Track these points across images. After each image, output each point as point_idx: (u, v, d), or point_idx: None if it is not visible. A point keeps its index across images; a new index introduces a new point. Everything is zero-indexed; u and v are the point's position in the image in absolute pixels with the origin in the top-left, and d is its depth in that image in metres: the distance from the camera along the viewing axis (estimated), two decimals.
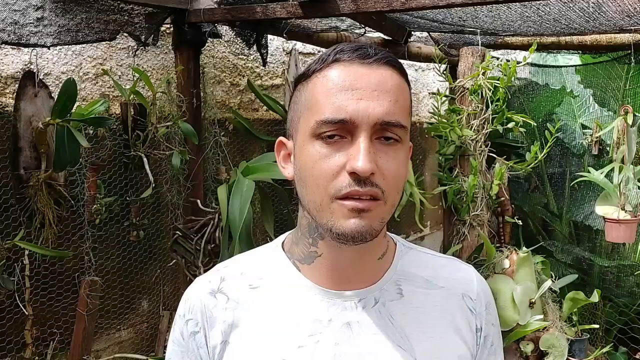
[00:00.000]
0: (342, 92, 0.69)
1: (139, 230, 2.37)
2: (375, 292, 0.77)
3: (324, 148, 0.70)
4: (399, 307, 0.77)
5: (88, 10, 2.00)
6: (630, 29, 2.41)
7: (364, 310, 0.76)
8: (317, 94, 0.71)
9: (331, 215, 0.70)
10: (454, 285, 0.81)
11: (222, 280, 0.81)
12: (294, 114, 0.77)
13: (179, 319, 0.82)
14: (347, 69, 0.70)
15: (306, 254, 0.78)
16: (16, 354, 2.03)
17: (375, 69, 0.70)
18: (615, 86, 3.53)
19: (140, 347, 2.51)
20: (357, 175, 0.68)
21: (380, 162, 0.69)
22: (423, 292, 0.79)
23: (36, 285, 2.07)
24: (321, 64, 0.72)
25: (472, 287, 0.82)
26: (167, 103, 2.44)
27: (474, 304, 0.81)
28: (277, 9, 2.10)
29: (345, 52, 0.71)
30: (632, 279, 3.37)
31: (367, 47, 0.72)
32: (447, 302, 0.80)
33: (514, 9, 2.19)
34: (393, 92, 0.70)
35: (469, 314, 0.80)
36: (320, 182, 0.70)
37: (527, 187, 3.87)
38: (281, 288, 0.78)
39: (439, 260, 0.85)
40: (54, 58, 2.20)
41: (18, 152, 1.92)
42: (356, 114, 0.68)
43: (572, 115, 3.89)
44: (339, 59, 0.71)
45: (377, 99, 0.69)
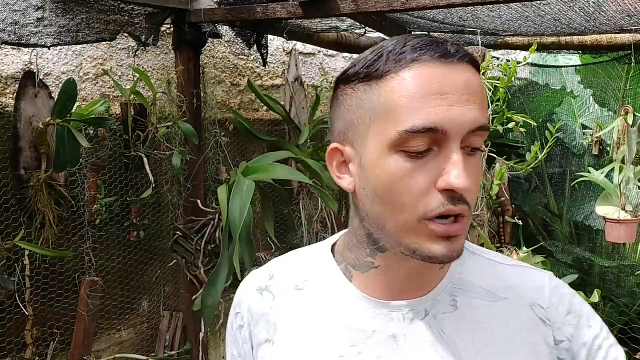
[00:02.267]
0: (428, 97, 0.60)
1: (139, 231, 2.37)
2: (426, 303, 0.70)
3: (409, 162, 0.61)
4: (452, 321, 0.69)
5: (88, 10, 2.00)
6: (630, 29, 2.41)
7: (412, 322, 0.69)
8: (398, 99, 0.61)
9: (416, 237, 0.63)
10: (521, 296, 0.71)
11: (270, 277, 0.80)
12: (357, 117, 0.66)
13: (231, 309, 0.84)
14: (429, 70, 0.61)
15: (361, 262, 0.73)
16: (16, 354, 2.03)
17: (458, 69, 0.62)
18: (615, 86, 3.53)
19: (141, 347, 2.51)
20: (453, 192, 0.61)
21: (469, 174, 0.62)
22: (482, 304, 0.71)
23: (36, 285, 2.07)
24: (394, 63, 0.62)
25: (542, 294, 0.72)
26: (167, 103, 2.44)
27: (547, 313, 0.70)
28: (277, 9, 2.10)
29: (423, 49, 0.62)
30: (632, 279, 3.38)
31: (444, 43, 0.63)
32: (512, 315, 0.70)
33: (514, 9, 2.19)
34: (479, 93, 0.63)
35: (542, 326, 0.70)
36: (407, 202, 0.62)
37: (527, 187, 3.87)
38: (326, 292, 0.74)
39: (506, 268, 0.75)
40: (54, 58, 2.20)
41: (18, 152, 1.92)
42: (448, 122, 0.60)
43: (572, 115, 3.89)
44: (417, 59, 0.62)
45: (467, 104, 0.61)
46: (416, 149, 0.61)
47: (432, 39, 0.64)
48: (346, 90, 0.67)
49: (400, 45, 0.64)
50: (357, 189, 0.68)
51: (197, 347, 2.42)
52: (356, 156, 0.67)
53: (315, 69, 3.39)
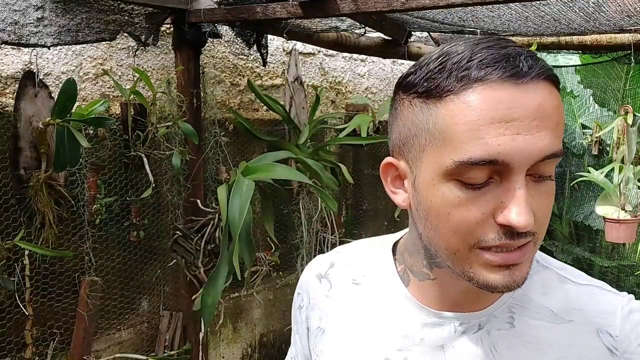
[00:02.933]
0: (491, 125, 0.53)
1: (139, 231, 2.37)
2: (482, 317, 0.66)
3: (464, 192, 0.56)
4: (506, 339, 0.65)
5: (88, 10, 2.00)
6: (630, 29, 2.41)
7: (464, 334, 0.66)
8: (456, 125, 0.55)
9: (470, 266, 0.59)
10: (588, 320, 0.65)
11: (331, 266, 0.80)
12: (412, 135, 0.60)
13: (298, 288, 0.85)
14: (496, 94, 0.53)
15: (418, 270, 0.70)
16: (16, 354, 2.03)
17: (531, 91, 0.54)
18: (615, 86, 3.54)
19: (141, 347, 2.51)
20: (512, 228, 0.55)
21: (534, 205, 0.57)
22: (542, 325, 0.65)
23: (36, 285, 2.07)
24: (457, 82, 0.55)
25: (613, 321, 0.64)
26: (167, 103, 2.44)
27: (616, 342, 0.63)
28: (277, 9, 2.10)
29: (491, 67, 0.54)
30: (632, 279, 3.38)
31: (518, 57, 0.55)
32: (573, 340, 0.64)
33: (514, 9, 2.19)
34: (554, 116, 0.55)
35: (609, 356, 0.63)
36: (460, 231, 0.57)
37: None
38: (381, 292, 0.73)
39: (577, 288, 0.68)
40: (54, 58, 2.20)
41: (18, 152, 1.92)
42: (512, 154, 0.54)
43: (572, 115, 3.89)
44: (483, 79, 0.54)
45: (536, 131, 0.54)
46: (474, 181, 0.56)
47: (504, 50, 0.55)
48: (404, 102, 0.61)
49: (466, 57, 0.55)
50: (412, 207, 0.64)
51: (197, 347, 2.42)
52: (411, 174, 0.62)
53: (315, 69, 3.39)
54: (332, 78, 3.52)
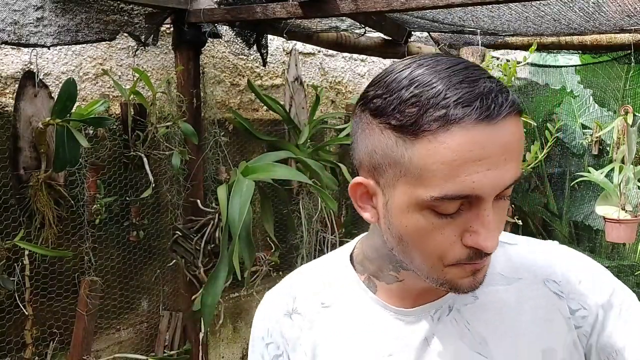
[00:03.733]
0: (466, 164, 0.56)
1: (139, 230, 2.37)
2: (449, 300, 0.72)
3: (437, 219, 0.60)
4: (474, 311, 0.71)
5: (88, 10, 2.00)
6: (630, 29, 2.41)
7: (440, 321, 0.71)
8: (433, 164, 0.57)
9: (444, 277, 0.64)
10: (534, 273, 0.72)
11: (294, 299, 0.79)
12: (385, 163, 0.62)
13: (258, 341, 0.81)
14: (471, 135, 0.56)
15: (385, 275, 0.74)
16: (16, 354, 2.03)
17: (502, 128, 0.57)
18: (615, 86, 3.54)
19: (140, 347, 2.51)
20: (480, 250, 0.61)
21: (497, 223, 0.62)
22: (499, 290, 0.72)
23: (36, 285, 2.07)
24: (434, 121, 0.56)
25: (554, 269, 0.72)
26: (167, 103, 2.44)
27: (560, 287, 0.71)
28: (277, 9, 2.10)
29: (468, 107, 0.56)
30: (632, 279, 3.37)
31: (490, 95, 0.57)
32: (527, 295, 0.72)
33: (514, 9, 2.19)
34: (518, 146, 0.60)
35: (557, 300, 0.71)
36: (433, 253, 0.62)
37: (527, 187, 3.87)
38: (354, 307, 0.75)
39: (513, 248, 0.75)
40: (54, 58, 2.20)
41: (18, 152, 1.92)
42: (483, 189, 0.58)
43: (572, 115, 3.89)
44: (460, 121, 0.56)
45: (504, 165, 0.58)
46: (447, 212, 0.60)
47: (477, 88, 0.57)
48: (373, 126, 0.62)
49: (441, 93, 0.56)
50: (381, 223, 0.67)
51: (196, 347, 2.42)
52: (382, 196, 0.64)
53: (315, 69, 3.39)
54: (332, 78, 3.52)
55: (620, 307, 0.70)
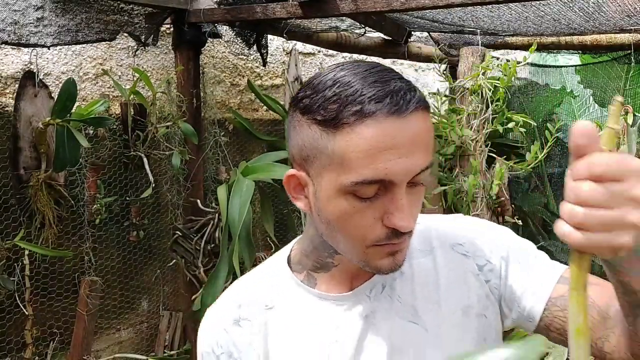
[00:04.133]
0: (379, 153, 0.65)
1: (139, 230, 2.37)
2: (381, 278, 0.79)
3: (359, 203, 0.68)
4: (402, 285, 0.78)
5: (88, 10, 2.00)
6: (630, 29, 2.41)
7: (376, 298, 0.78)
8: (351, 153, 0.66)
9: (367, 258, 0.72)
10: (443, 242, 0.81)
11: (239, 307, 0.82)
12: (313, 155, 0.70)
13: (208, 355, 0.83)
14: (383, 127, 0.65)
15: (322, 264, 0.80)
16: (16, 354, 2.03)
17: (410, 121, 0.66)
18: (615, 86, 3.54)
19: (140, 347, 2.51)
20: (397, 230, 0.68)
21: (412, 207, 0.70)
22: (420, 263, 0.80)
23: (36, 285, 2.07)
24: (352, 115, 0.65)
25: (458, 234, 0.82)
26: (167, 103, 2.44)
27: (465, 248, 0.80)
28: (277, 9, 2.10)
29: (380, 103, 0.64)
30: None
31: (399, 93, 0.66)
32: (441, 262, 0.80)
33: (514, 9, 2.19)
34: (426, 137, 0.68)
35: (465, 260, 0.80)
36: (356, 234, 0.70)
37: (527, 187, 3.87)
38: (296, 304, 0.80)
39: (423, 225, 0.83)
40: (54, 58, 2.20)
41: (18, 152, 1.92)
42: (395, 174, 0.66)
43: (572, 115, 3.89)
44: (373, 115, 0.64)
45: (414, 154, 0.66)
46: (366, 195, 0.68)
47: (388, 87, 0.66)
48: (302, 123, 0.70)
49: (358, 91, 0.65)
50: (313, 211, 0.74)
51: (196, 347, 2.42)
52: (312, 186, 0.72)
53: (315, 69, 3.39)
54: None
55: (518, 258, 0.78)
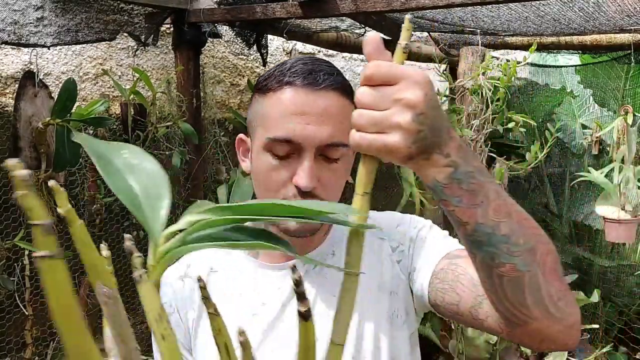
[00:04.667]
0: (292, 115, 0.77)
1: (139, 230, 2.37)
2: (315, 256, 0.89)
3: (275, 160, 0.79)
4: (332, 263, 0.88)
5: (88, 10, 2.00)
6: (630, 29, 2.41)
7: (307, 274, 0.87)
8: (270, 113, 0.79)
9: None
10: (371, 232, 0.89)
11: (188, 266, 0.93)
12: (252, 117, 0.84)
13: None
14: (297, 94, 0.77)
15: None
16: (16, 354, 2.03)
17: (323, 95, 0.77)
18: (615, 86, 3.54)
19: (141, 347, 2.50)
20: (300, 189, 0.77)
21: (323, 176, 0.79)
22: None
23: (36, 285, 2.07)
24: (276, 83, 0.79)
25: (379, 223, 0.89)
26: (167, 103, 2.44)
27: (383, 233, 0.91)
28: (277, 9, 2.10)
29: (298, 76, 0.78)
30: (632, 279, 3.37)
31: (318, 71, 0.78)
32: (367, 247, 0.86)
33: (514, 9, 2.19)
34: (338, 115, 0.78)
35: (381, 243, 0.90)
36: (270, 189, 0.80)
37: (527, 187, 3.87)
38: (237, 270, 0.90)
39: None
40: (54, 58, 2.20)
41: (18, 152, 1.92)
42: (303, 137, 0.76)
43: (572, 115, 3.89)
44: (292, 83, 0.78)
45: (322, 124, 0.77)
46: (279, 153, 0.78)
47: (311, 66, 0.79)
48: (254, 98, 0.85)
49: (287, 68, 0.80)
50: (252, 174, 0.86)
51: None
52: (251, 146, 0.85)
53: None
54: None
55: (425, 238, 0.88)
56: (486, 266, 0.63)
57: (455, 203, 0.60)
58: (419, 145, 0.56)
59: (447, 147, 0.58)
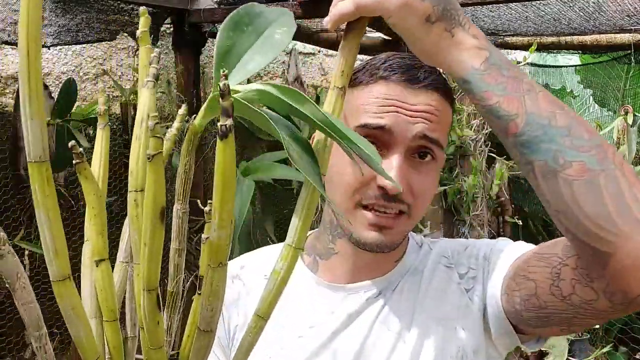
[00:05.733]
0: (384, 107, 0.70)
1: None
2: (379, 284, 0.78)
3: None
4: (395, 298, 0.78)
5: (88, 10, 2.00)
6: (630, 29, 2.41)
7: (367, 301, 0.77)
8: (359, 104, 0.71)
9: (353, 222, 0.71)
10: (433, 260, 0.81)
11: (241, 267, 0.86)
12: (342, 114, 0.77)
13: None
14: (393, 90, 0.70)
15: (325, 250, 0.80)
16: (16, 354, 2.03)
17: (422, 93, 0.70)
18: (615, 86, 3.54)
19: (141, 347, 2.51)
20: (386, 191, 0.68)
21: (412, 179, 0.70)
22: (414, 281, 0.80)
23: (36, 285, 2.07)
24: (369, 76, 0.72)
25: (445, 249, 0.81)
26: (167, 103, 2.44)
27: (450, 260, 0.80)
28: None
29: (394, 70, 0.71)
30: None
31: (419, 68, 0.71)
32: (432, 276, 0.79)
33: (514, 9, 2.19)
34: (437, 114, 0.70)
35: (449, 271, 0.79)
36: (348, 188, 0.71)
37: (527, 187, 3.87)
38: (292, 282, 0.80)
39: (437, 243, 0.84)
40: (54, 58, 2.20)
41: (18, 152, 1.93)
42: (396, 125, 0.69)
43: None
44: (387, 77, 0.71)
45: (415, 120, 0.69)
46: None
47: (410, 62, 0.71)
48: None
49: (382, 61, 0.72)
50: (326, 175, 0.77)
51: None
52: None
53: (315, 69, 3.40)
54: None
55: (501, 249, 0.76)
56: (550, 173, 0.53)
57: (500, 91, 0.54)
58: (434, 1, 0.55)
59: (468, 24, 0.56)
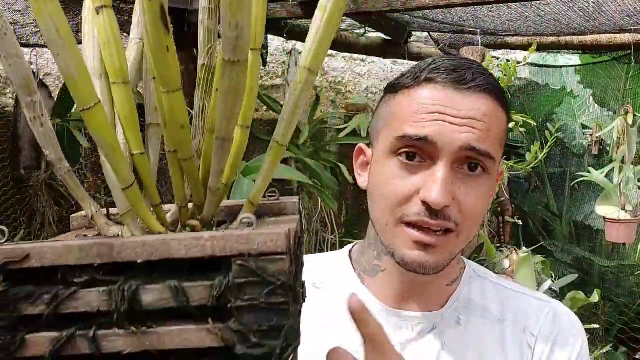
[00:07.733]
0: (428, 114, 0.64)
1: None
2: (436, 318, 0.73)
3: (401, 169, 0.65)
4: (454, 336, 0.73)
5: None
6: (630, 29, 2.41)
7: (420, 334, 0.72)
8: (401, 111, 0.67)
9: (395, 239, 0.66)
10: (518, 320, 0.74)
11: None
12: (376, 123, 0.72)
13: None
14: (438, 92, 0.65)
15: (371, 267, 0.75)
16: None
17: (470, 95, 0.64)
18: (615, 86, 3.54)
19: None
20: (429, 205, 0.63)
21: (459, 193, 0.64)
22: (482, 323, 0.74)
23: None
24: (412, 80, 0.67)
25: (537, 322, 0.74)
26: None
27: (534, 340, 0.72)
28: (277, 9, 2.10)
29: (440, 71, 0.65)
30: (632, 279, 3.38)
31: (466, 68, 0.66)
32: (505, 336, 0.73)
33: (514, 9, 2.19)
34: (486, 120, 0.64)
35: (527, 350, 0.72)
36: (389, 204, 0.66)
37: (527, 187, 3.87)
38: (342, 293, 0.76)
39: (511, 293, 0.78)
40: (53, 58, 2.20)
41: (18, 152, 1.93)
42: (439, 136, 0.63)
43: (572, 115, 3.89)
44: (431, 79, 0.65)
45: (465, 129, 0.63)
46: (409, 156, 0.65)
47: (458, 63, 0.66)
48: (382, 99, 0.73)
49: (426, 64, 0.67)
50: (368, 190, 0.72)
51: None
52: (372, 158, 0.72)
53: None
54: (332, 78, 3.52)
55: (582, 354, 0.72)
56: None
57: None
58: None
59: None
